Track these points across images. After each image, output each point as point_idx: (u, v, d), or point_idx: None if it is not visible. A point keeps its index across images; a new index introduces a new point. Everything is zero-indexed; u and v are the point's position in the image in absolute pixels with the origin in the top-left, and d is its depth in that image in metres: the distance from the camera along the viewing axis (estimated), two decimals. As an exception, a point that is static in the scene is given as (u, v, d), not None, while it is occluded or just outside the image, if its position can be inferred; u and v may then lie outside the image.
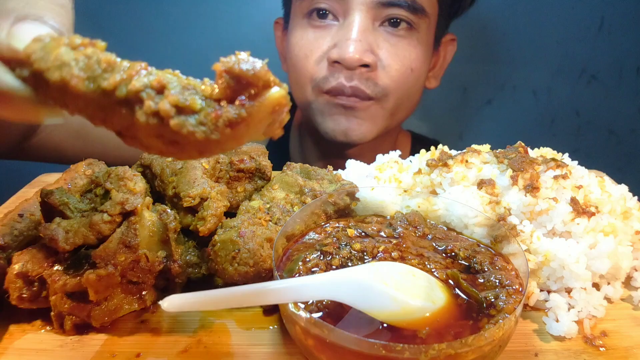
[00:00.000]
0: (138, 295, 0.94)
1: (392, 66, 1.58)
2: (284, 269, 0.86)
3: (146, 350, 0.86)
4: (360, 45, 1.49)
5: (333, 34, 1.58)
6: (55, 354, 0.85)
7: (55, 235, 0.89)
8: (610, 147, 3.16)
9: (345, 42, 1.50)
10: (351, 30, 1.50)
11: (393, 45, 1.57)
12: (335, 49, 1.53)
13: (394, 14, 1.54)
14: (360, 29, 1.51)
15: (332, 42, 1.57)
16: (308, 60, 1.62)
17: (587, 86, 3.00)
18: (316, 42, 1.60)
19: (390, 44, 1.57)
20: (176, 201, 1.01)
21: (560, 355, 0.87)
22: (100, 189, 1.01)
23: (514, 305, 0.77)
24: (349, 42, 1.49)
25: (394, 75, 1.59)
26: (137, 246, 0.91)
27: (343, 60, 1.51)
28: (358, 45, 1.49)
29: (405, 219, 1.01)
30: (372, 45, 1.53)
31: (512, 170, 1.09)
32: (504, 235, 0.94)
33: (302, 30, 1.65)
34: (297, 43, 1.67)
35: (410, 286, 0.76)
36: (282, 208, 1.07)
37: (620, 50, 2.89)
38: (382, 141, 1.84)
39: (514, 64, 2.95)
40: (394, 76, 1.59)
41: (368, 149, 1.76)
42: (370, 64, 1.52)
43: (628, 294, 1.02)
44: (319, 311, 0.76)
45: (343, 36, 1.52)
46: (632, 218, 1.07)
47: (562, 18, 2.83)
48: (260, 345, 0.88)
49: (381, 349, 0.65)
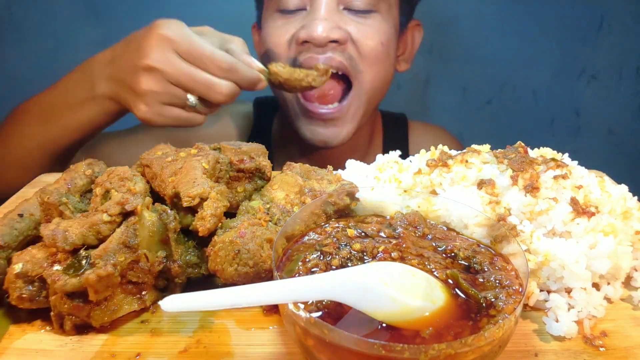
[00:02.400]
0: (138, 295, 0.94)
1: (361, 41, 1.64)
2: (284, 270, 0.86)
3: (146, 350, 0.86)
4: (327, 23, 1.56)
5: (300, 19, 1.66)
6: (55, 354, 0.86)
7: (55, 235, 0.89)
8: (610, 147, 3.16)
9: (312, 22, 1.57)
10: (317, 11, 1.58)
11: (360, 23, 1.65)
12: (303, 29, 1.60)
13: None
14: (326, 9, 1.58)
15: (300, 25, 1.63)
16: (277, 46, 1.68)
17: (587, 86, 3.00)
18: (284, 28, 1.67)
19: (356, 22, 1.65)
20: (176, 201, 1.01)
21: (560, 355, 0.87)
22: (100, 189, 1.01)
23: (514, 306, 0.77)
24: (316, 22, 1.56)
25: (365, 49, 1.64)
26: (137, 246, 0.91)
27: (312, 39, 1.56)
28: (325, 24, 1.56)
29: (405, 219, 1.01)
30: (339, 23, 1.60)
31: (512, 170, 1.09)
32: (503, 235, 0.94)
33: (273, 21, 1.73)
34: (268, 33, 1.74)
35: (410, 286, 0.76)
36: (282, 208, 1.07)
37: (620, 50, 2.89)
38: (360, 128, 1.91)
39: (514, 64, 2.95)
40: (365, 50, 1.65)
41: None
42: (339, 39, 1.58)
43: (628, 294, 1.02)
44: (318, 311, 0.76)
45: (311, 17, 1.60)
46: (632, 218, 1.07)
47: (562, 18, 2.83)
48: (260, 345, 0.88)
49: (381, 349, 0.65)
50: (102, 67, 1.51)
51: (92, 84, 1.51)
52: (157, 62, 1.35)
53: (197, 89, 1.40)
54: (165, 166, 1.07)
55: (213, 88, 1.39)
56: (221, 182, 1.09)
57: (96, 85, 1.50)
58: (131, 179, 1.02)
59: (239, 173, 1.14)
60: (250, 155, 1.15)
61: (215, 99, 1.41)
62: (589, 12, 2.80)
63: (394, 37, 1.79)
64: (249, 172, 1.14)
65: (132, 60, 1.40)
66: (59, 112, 1.58)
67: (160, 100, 1.41)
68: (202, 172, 1.03)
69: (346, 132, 1.78)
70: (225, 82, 1.40)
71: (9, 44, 2.76)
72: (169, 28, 1.37)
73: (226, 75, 1.39)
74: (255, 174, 1.16)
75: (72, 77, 1.60)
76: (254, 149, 1.18)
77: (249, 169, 1.13)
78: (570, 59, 2.92)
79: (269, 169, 1.16)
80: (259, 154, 1.17)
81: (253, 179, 1.16)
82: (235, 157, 1.13)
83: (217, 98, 1.41)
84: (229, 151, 1.15)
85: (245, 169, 1.13)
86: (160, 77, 1.37)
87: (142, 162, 1.14)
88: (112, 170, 1.04)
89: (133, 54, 1.40)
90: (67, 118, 1.57)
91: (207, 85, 1.39)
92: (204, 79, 1.38)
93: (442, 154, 1.18)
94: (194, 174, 1.02)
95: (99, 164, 1.18)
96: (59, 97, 1.61)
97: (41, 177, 1.50)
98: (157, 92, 1.39)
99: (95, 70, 1.52)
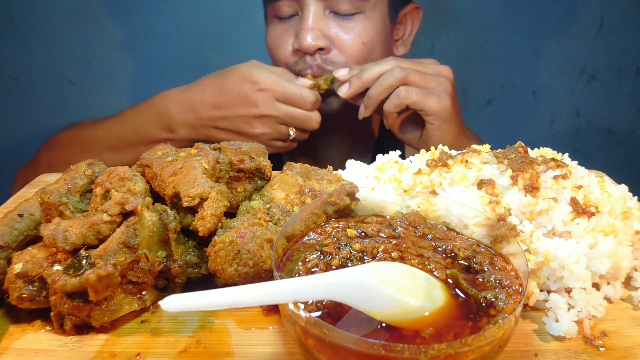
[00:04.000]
0: (138, 295, 0.94)
1: (343, 45, 1.84)
2: (284, 270, 0.86)
3: (146, 350, 0.86)
4: (313, 32, 1.77)
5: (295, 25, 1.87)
6: (55, 354, 0.86)
7: (55, 235, 0.89)
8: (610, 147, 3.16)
9: (302, 32, 1.78)
10: (306, 21, 1.78)
11: (343, 27, 1.83)
12: (296, 39, 1.82)
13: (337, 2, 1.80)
14: (313, 18, 1.78)
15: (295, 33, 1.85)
16: (280, 52, 1.91)
17: (587, 86, 3.01)
18: (284, 35, 1.89)
19: (340, 27, 1.83)
20: (176, 201, 1.01)
21: (560, 355, 0.87)
22: (100, 189, 1.01)
23: (514, 306, 0.77)
24: (304, 32, 1.77)
25: (347, 51, 1.84)
26: (137, 246, 0.91)
27: (302, 48, 1.79)
28: (312, 33, 1.77)
29: (405, 219, 1.01)
30: (324, 31, 1.81)
31: (512, 170, 1.09)
32: (503, 235, 0.94)
33: (273, 28, 1.94)
34: (269, 38, 1.97)
35: (410, 286, 0.76)
36: (282, 208, 1.07)
37: (620, 50, 2.89)
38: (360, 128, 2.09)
39: (514, 64, 2.95)
40: (347, 52, 1.84)
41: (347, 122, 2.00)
42: (325, 47, 1.80)
43: (628, 294, 1.02)
44: (318, 311, 0.76)
45: (300, 27, 1.80)
46: (632, 218, 1.07)
47: (562, 18, 2.83)
48: (260, 345, 0.88)
49: (381, 348, 0.65)
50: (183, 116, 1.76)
51: (170, 129, 1.79)
52: (265, 111, 1.71)
53: (296, 123, 1.75)
54: (165, 166, 1.07)
55: (309, 120, 1.75)
56: (221, 182, 1.09)
57: (176, 131, 1.78)
58: (131, 179, 1.01)
59: (239, 173, 1.14)
60: (250, 156, 1.15)
61: (311, 127, 1.77)
62: (589, 12, 2.80)
63: (380, 32, 1.91)
64: (249, 172, 1.14)
65: (242, 112, 1.72)
66: (131, 145, 1.83)
67: (269, 138, 1.77)
68: (202, 172, 1.03)
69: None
70: (315, 113, 1.75)
71: (9, 44, 2.76)
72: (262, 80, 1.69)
73: (314, 107, 1.74)
74: (255, 174, 1.16)
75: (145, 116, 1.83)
76: (254, 149, 1.18)
77: (249, 169, 1.13)
78: (570, 59, 2.92)
79: (269, 169, 1.17)
80: (259, 154, 1.18)
81: (253, 179, 1.16)
82: (235, 157, 1.13)
83: (312, 126, 1.77)
84: (229, 151, 1.15)
85: (245, 169, 1.13)
86: (269, 121, 1.73)
87: (142, 162, 1.14)
88: (112, 170, 1.04)
89: (240, 106, 1.72)
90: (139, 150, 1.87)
91: (304, 119, 1.74)
92: (301, 115, 1.73)
93: (442, 154, 1.18)
94: (194, 174, 1.02)
95: (99, 164, 1.18)
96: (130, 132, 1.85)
97: (41, 177, 1.50)
98: (268, 133, 1.75)
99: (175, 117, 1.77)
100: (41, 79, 2.87)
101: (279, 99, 1.70)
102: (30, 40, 2.77)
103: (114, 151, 1.85)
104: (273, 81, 1.69)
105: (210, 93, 1.74)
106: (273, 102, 1.70)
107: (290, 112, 1.71)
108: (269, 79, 1.69)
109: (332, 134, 2.16)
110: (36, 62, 2.82)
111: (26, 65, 2.82)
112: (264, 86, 1.68)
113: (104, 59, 2.84)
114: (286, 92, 1.69)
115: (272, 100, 1.69)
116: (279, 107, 1.70)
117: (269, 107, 1.69)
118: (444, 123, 1.70)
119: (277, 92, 1.69)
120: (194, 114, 1.75)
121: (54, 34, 2.75)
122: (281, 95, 1.69)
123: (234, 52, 2.69)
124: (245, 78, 1.70)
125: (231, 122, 1.74)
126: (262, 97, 1.69)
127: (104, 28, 2.77)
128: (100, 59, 2.84)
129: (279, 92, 1.69)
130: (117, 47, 2.82)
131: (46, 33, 2.75)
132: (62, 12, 2.71)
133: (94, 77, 2.88)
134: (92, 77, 2.88)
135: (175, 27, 2.81)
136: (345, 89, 1.74)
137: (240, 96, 1.70)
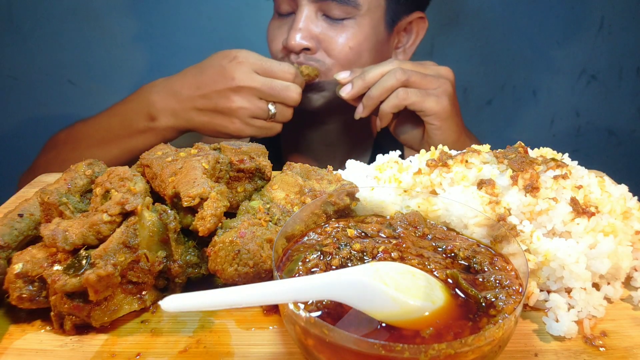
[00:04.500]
0: (138, 295, 0.94)
1: (329, 47, 1.88)
2: (284, 270, 0.86)
3: (146, 350, 0.86)
4: (301, 32, 1.82)
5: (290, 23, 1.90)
6: (55, 354, 0.86)
7: (55, 235, 0.89)
8: (610, 147, 3.16)
9: (291, 32, 1.83)
10: (297, 21, 1.83)
11: (332, 30, 1.87)
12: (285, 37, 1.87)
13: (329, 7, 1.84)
14: (305, 19, 1.83)
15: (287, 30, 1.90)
16: (272, 45, 1.98)
17: (587, 86, 3.01)
18: (278, 30, 1.95)
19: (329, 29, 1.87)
20: (176, 201, 1.01)
21: (560, 355, 0.87)
22: (100, 189, 1.01)
23: (514, 306, 0.77)
24: (293, 32, 1.82)
25: (332, 54, 1.88)
26: (137, 246, 0.91)
27: (288, 46, 1.84)
28: (300, 33, 1.82)
29: (405, 219, 1.01)
30: (313, 32, 1.85)
31: (512, 170, 1.09)
32: (503, 235, 0.94)
33: (273, 20, 2.01)
34: (268, 30, 2.03)
35: (410, 286, 0.76)
36: (282, 208, 1.07)
37: (620, 51, 2.89)
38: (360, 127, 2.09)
39: (514, 64, 2.95)
40: (333, 54, 1.88)
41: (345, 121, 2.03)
42: (310, 48, 1.84)
43: (628, 294, 1.02)
44: (318, 311, 0.76)
45: (291, 26, 1.85)
46: (632, 218, 1.07)
47: (562, 18, 2.83)
48: (260, 345, 0.88)
49: (381, 348, 0.65)
50: (164, 101, 1.74)
51: (153, 118, 1.75)
52: (243, 82, 1.66)
53: (276, 95, 1.70)
54: (165, 166, 1.07)
55: (288, 90, 1.70)
56: (221, 182, 1.09)
57: (157, 119, 1.75)
58: (131, 179, 1.01)
59: (239, 173, 1.14)
60: (250, 155, 1.15)
61: (291, 98, 1.71)
62: (589, 12, 2.80)
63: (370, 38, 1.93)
64: (249, 172, 1.14)
65: (219, 86, 1.68)
66: (118, 138, 1.82)
67: (249, 114, 1.70)
68: (202, 172, 1.03)
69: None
70: (295, 85, 1.72)
71: (9, 44, 2.76)
72: (245, 55, 1.69)
73: (293, 79, 1.72)
74: (255, 174, 1.16)
75: (130, 106, 1.82)
76: (254, 149, 1.18)
77: (249, 169, 1.13)
78: (570, 59, 2.92)
79: (269, 169, 1.17)
80: (259, 154, 1.18)
81: (253, 179, 1.16)
82: (235, 157, 1.13)
83: (293, 97, 1.71)
84: (229, 151, 1.15)
85: (245, 169, 1.13)
86: (247, 94, 1.68)
87: (142, 162, 1.14)
88: (112, 170, 1.04)
89: (218, 80, 1.68)
90: (126, 143, 1.82)
91: (283, 90, 1.69)
92: (280, 85, 1.69)
93: (442, 154, 1.18)
94: (194, 174, 1.02)
95: (99, 164, 1.18)
96: (117, 124, 1.84)
97: (41, 177, 1.50)
98: (247, 107, 1.69)
99: (157, 104, 1.75)
100: (41, 79, 2.87)
101: (258, 71, 1.68)
102: (30, 40, 2.77)
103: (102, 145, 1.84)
104: (251, 55, 1.69)
105: (190, 75, 1.74)
106: (251, 73, 1.67)
107: (268, 82, 1.68)
108: (247, 54, 1.69)
109: (331, 134, 2.17)
110: (36, 62, 2.82)
111: (26, 65, 2.82)
112: (241, 59, 1.68)
113: (104, 59, 2.84)
114: (264, 64, 1.69)
115: (250, 71, 1.67)
116: (257, 78, 1.67)
117: (246, 78, 1.66)
118: (444, 122, 1.71)
119: (255, 64, 1.68)
120: (174, 98, 1.74)
121: (54, 34, 2.75)
122: (259, 67, 1.68)
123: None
124: (224, 55, 1.70)
125: (209, 100, 1.71)
126: (239, 69, 1.67)
127: (104, 28, 2.77)
128: (100, 59, 2.84)
129: (257, 64, 1.68)
130: (117, 47, 2.82)
131: (46, 33, 2.75)
132: (62, 12, 2.71)
133: (94, 77, 2.88)
134: (92, 77, 2.88)
135: (175, 27, 2.81)
136: (347, 89, 1.74)
137: (218, 71, 1.69)
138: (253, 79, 1.67)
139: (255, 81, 1.67)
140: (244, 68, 1.67)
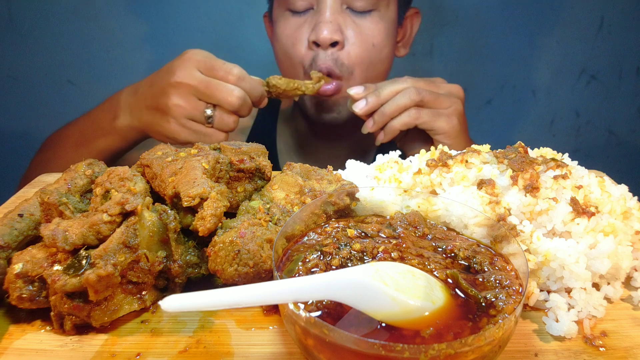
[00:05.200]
0: (138, 295, 0.94)
1: (355, 44, 1.84)
2: (284, 270, 0.86)
3: (146, 350, 0.86)
4: (331, 25, 1.77)
5: (310, 19, 1.85)
6: (55, 354, 0.86)
7: (55, 235, 0.89)
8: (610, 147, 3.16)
9: (319, 25, 1.78)
10: (323, 14, 1.78)
11: (358, 25, 1.84)
12: (313, 32, 1.81)
13: None
14: (331, 11, 1.79)
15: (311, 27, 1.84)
16: (296, 48, 1.87)
17: (587, 86, 3.01)
18: (299, 30, 1.87)
19: (355, 24, 1.84)
20: (176, 201, 1.01)
21: (560, 355, 0.87)
22: (100, 189, 1.01)
23: (514, 306, 0.77)
24: (322, 25, 1.77)
25: (357, 52, 1.84)
26: (137, 246, 0.91)
27: (318, 40, 1.78)
28: (330, 26, 1.77)
29: (405, 219, 1.01)
30: (340, 26, 1.81)
31: (512, 170, 1.09)
32: (503, 235, 0.94)
33: (285, 21, 1.91)
34: (282, 33, 1.92)
35: (410, 286, 0.76)
36: (282, 208, 1.07)
37: (620, 50, 2.89)
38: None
39: (514, 64, 2.95)
40: (357, 53, 1.85)
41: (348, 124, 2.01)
42: (339, 42, 1.80)
43: (628, 294, 1.02)
44: (318, 311, 0.76)
45: (318, 20, 1.80)
46: (632, 218, 1.07)
47: (562, 18, 2.83)
48: (260, 345, 0.88)
49: (381, 348, 0.65)
50: (126, 99, 1.72)
51: (116, 116, 1.72)
52: (180, 78, 1.58)
53: (213, 95, 1.59)
54: (165, 166, 1.07)
55: (226, 92, 1.58)
56: (221, 182, 1.09)
57: (119, 117, 1.71)
58: (131, 179, 1.02)
59: (239, 173, 1.14)
60: (250, 156, 1.15)
61: (228, 102, 1.59)
62: (589, 12, 2.80)
63: (391, 32, 1.93)
64: (249, 172, 1.14)
65: (162, 82, 1.62)
66: (90, 139, 1.80)
67: (184, 114, 1.61)
68: (202, 172, 1.03)
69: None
70: (237, 87, 1.60)
71: (9, 44, 2.76)
72: (193, 53, 1.62)
73: (237, 82, 1.60)
74: (255, 174, 1.16)
75: (102, 107, 1.81)
76: (254, 149, 1.18)
77: (249, 169, 1.13)
78: (570, 59, 2.92)
79: (269, 169, 1.17)
80: (259, 154, 1.18)
81: (253, 179, 1.16)
82: (235, 157, 1.13)
83: (229, 101, 1.59)
84: (229, 151, 1.15)
85: (245, 169, 1.13)
86: (184, 91, 1.59)
87: (142, 162, 1.14)
88: (112, 170, 1.04)
89: (163, 77, 1.62)
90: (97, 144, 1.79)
91: (221, 90, 1.58)
92: (218, 85, 1.58)
93: (442, 154, 1.18)
94: (194, 174, 1.02)
95: (99, 164, 1.18)
96: (89, 126, 1.82)
97: (41, 177, 1.50)
98: (182, 106, 1.60)
99: (121, 102, 1.72)
100: (41, 79, 2.87)
101: (201, 69, 1.60)
102: (30, 40, 2.77)
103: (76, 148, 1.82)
104: (201, 53, 1.62)
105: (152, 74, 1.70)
106: (192, 70, 1.58)
107: (205, 80, 1.58)
108: (197, 52, 1.62)
109: (333, 135, 2.17)
110: (36, 62, 2.82)
111: (26, 65, 2.82)
112: (188, 57, 1.61)
113: (104, 59, 2.84)
114: (208, 62, 1.60)
115: (192, 68, 1.59)
116: (196, 75, 1.58)
117: (185, 74, 1.58)
118: (453, 141, 1.71)
119: (199, 62, 1.60)
120: (134, 96, 1.70)
121: (53, 34, 2.75)
122: (202, 65, 1.60)
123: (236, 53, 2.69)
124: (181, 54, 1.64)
125: (153, 97, 1.64)
126: (182, 65, 1.60)
127: (104, 28, 2.77)
128: (100, 59, 2.84)
129: (201, 62, 1.60)
130: (116, 47, 2.82)
131: (46, 33, 2.75)
132: (62, 12, 2.71)
133: (94, 77, 2.87)
134: (92, 77, 2.88)
135: (175, 27, 2.81)
136: (361, 105, 1.70)
137: (167, 67, 1.64)
138: (192, 75, 1.58)
139: (193, 78, 1.58)
140: (186, 64, 1.59)
